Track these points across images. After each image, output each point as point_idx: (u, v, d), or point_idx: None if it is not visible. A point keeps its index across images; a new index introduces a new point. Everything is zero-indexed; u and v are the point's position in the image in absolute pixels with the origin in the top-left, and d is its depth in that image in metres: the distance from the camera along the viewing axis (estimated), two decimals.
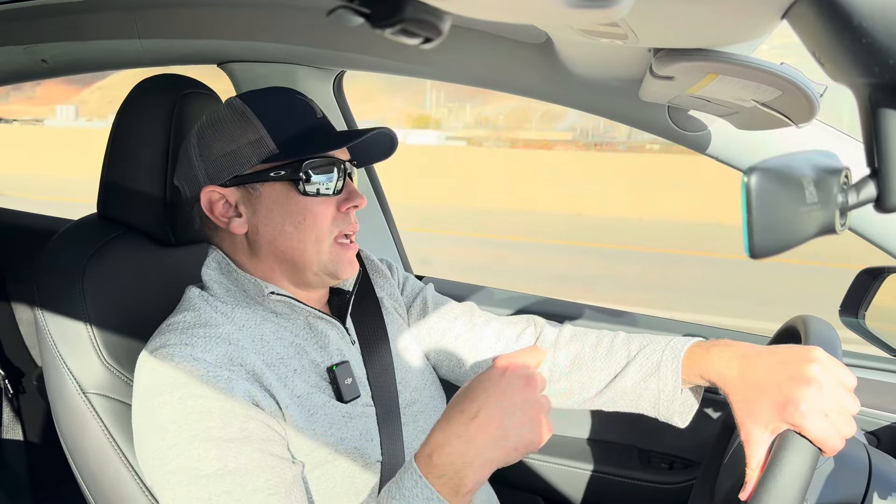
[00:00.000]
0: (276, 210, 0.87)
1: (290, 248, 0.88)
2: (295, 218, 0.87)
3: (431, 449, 0.70)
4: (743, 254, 0.43)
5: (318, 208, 0.87)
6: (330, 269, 0.89)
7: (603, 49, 0.85)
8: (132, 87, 1.07)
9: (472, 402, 0.70)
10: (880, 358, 1.26)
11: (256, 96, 0.91)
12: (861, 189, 0.46)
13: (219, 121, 0.89)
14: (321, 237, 0.88)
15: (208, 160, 0.88)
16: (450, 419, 0.71)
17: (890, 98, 0.42)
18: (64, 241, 1.02)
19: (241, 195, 0.88)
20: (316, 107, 0.92)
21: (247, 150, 0.86)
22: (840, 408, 0.73)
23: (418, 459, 0.70)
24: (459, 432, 0.69)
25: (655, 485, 1.37)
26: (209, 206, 0.88)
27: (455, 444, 0.69)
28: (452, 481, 0.68)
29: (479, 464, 0.68)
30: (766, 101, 0.79)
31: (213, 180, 0.88)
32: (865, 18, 0.39)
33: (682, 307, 4.86)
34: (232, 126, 0.87)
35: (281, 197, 0.87)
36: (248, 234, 0.89)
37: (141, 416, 0.81)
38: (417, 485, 0.69)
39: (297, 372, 0.85)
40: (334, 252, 0.89)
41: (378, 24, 0.32)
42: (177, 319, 0.85)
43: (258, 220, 0.88)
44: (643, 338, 0.98)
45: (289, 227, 0.87)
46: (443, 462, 0.69)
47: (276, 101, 0.90)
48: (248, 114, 0.87)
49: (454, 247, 6.91)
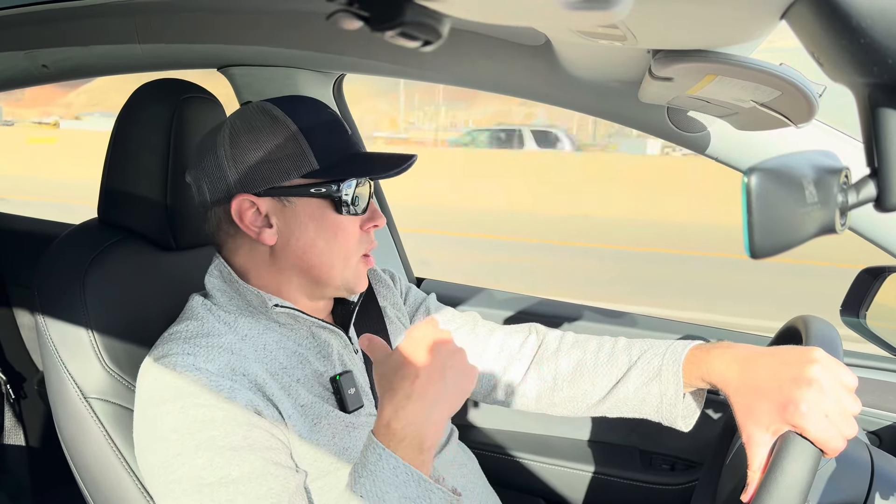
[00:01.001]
0: (311, 225, 0.87)
1: (318, 263, 0.88)
2: (327, 234, 0.87)
3: (388, 419, 0.72)
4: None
5: (349, 226, 0.89)
6: (350, 284, 0.91)
7: (602, 51, 0.85)
8: (132, 92, 1.07)
9: (406, 366, 0.73)
10: (882, 357, 1.26)
11: (293, 106, 0.89)
12: (861, 189, 0.46)
13: (255, 128, 0.86)
14: (349, 254, 0.89)
15: (242, 165, 0.85)
16: (393, 387, 0.73)
17: (889, 98, 0.42)
18: (65, 245, 1.02)
19: (274, 206, 0.86)
20: (343, 123, 0.92)
21: (286, 164, 0.85)
22: (841, 408, 0.72)
23: (377, 432, 0.72)
24: (408, 393, 0.71)
25: (657, 486, 1.37)
26: (239, 214, 0.86)
27: (408, 406, 0.71)
28: (415, 441, 0.71)
29: (434, 418, 0.72)
30: (765, 102, 0.79)
31: (245, 188, 0.85)
32: (864, 18, 0.39)
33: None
34: (272, 136, 0.85)
35: (317, 213, 0.87)
36: (274, 245, 0.88)
37: (143, 425, 0.81)
38: (381, 458, 0.70)
39: (300, 381, 0.85)
40: (359, 268, 0.91)
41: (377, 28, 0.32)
42: (179, 329, 0.85)
43: (290, 232, 0.87)
44: (644, 342, 0.98)
45: (321, 242, 0.87)
46: (402, 425, 0.71)
47: (312, 115, 0.89)
48: (290, 124, 0.86)
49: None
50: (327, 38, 1.29)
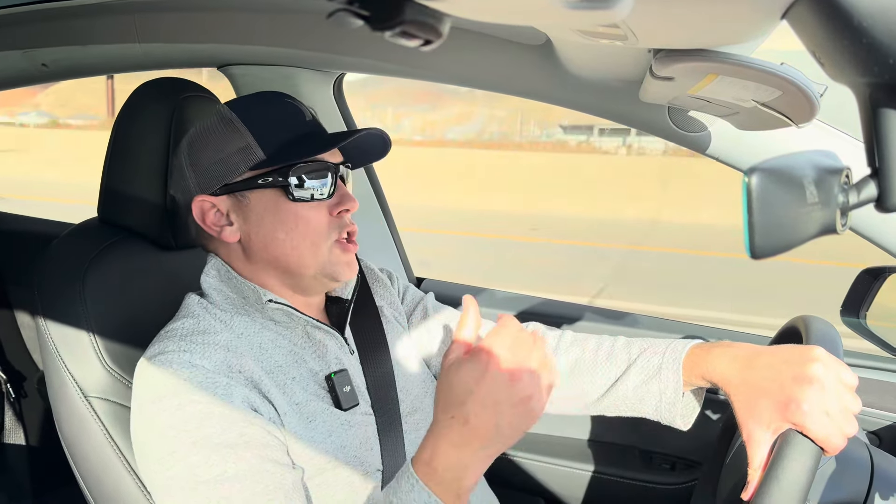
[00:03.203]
0: (267, 217, 0.87)
1: (283, 255, 0.87)
2: (286, 225, 0.86)
3: (429, 456, 0.68)
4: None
5: (311, 213, 0.87)
6: (328, 270, 0.89)
7: (603, 50, 0.85)
8: (133, 91, 1.07)
9: (460, 406, 0.67)
10: (882, 357, 1.26)
11: (244, 103, 0.90)
12: (862, 189, 0.46)
13: (207, 129, 0.88)
14: (317, 241, 0.87)
15: (198, 169, 0.88)
16: (441, 426, 0.68)
17: (890, 98, 0.42)
18: (65, 245, 1.02)
19: (232, 203, 0.88)
20: (306, 110, 0.91)
21: (235, 158, 0.86)
22: (842, 407, 0.72)
23: (416, 466, 0.69)
24: (454, 440, 0.67)
25: (657, 485, 1.37)
26: (201, 216, 0.88)
27: (451, 453, 0.67)
28: (453, 486, 0.67)
29: (476, 465, 0.68)
30: (766, 102, 0.79)
31: (203, 189, 0.88)
32: (865, 18, 0.39)
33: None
34: (220, 134, 0.87)
35: (271, 204, 0.86)
36: (241, 241, 0.89)
37: (140, 422, 0.81)
38: (414, 489, 0.67)
39: (295, 380, 0.85)
40: (334, 255, 0.89)
41: (377, 27, 0.32)
42: (175, 326, 0.85)
43: (249, 227, 0.88)
44: (643, 341, 0.98)
45: (280, 233, 0.87)
46: (441, 468, 0.67)
47: (263, 107, 0.89)
48: (235, 121, 0.87)
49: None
50: (327, 37, 1.29)
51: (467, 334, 0.73)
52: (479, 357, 0.68)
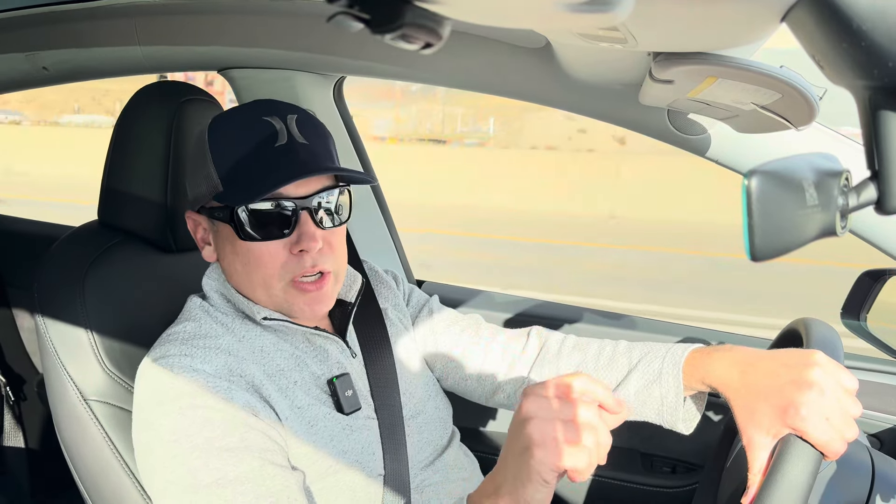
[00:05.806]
0: (228, 248, 0.86)
1: (240, 286, 0.87)
2: (242, 259, 0.85)
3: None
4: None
5: (263, 251, 0.83)
6: (284, 308, 0.87)
7: (602, 53, 0.85)
8: (133, 93, 1.07)
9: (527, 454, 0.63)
10: (882, 360, 1.26)
11: (223, 122, 0.86)
12: (861, 191, 0.46)
13: (195, 144, 0.88)
14: (269, 281, 0.84)
15: (192, 183, 0.89)
16: (500, 478, 0.66)
17: (890, 100, 0.42)
18: (65, 247, 1.02)
19: (210, 225, 0.88)
20: (282, 130, 0.83)
21: (203, 185, 0.86)
22: (842, 411, 0.72)
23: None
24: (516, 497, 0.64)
25: (658, 489, 1.37)
26: (194, 228, 0.90)
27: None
28: None
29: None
30: (765, 105, 0.79)
31: (192, 205, 0.89)
32: (865, 21, 0.39)
33: None
34: (195, 156, 0.87)
35: (230, 236, 0.85)
36: (219, 261, 0.90)
37: (141, 426, 0.81)
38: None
39: (297, 384, 0.85)
40: (290, 295, 0.85)
41: (377, 30, 0.32)
42: (177, 330, 0.85)
43: (219, 252, 0.89)
44: (644, 346, 0.98)
45: (238, 265, 0.86)
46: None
47: (233, 130, 0.85)
48: (205, 144, 0.85)
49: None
50: (327, 40, 1.29)
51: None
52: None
